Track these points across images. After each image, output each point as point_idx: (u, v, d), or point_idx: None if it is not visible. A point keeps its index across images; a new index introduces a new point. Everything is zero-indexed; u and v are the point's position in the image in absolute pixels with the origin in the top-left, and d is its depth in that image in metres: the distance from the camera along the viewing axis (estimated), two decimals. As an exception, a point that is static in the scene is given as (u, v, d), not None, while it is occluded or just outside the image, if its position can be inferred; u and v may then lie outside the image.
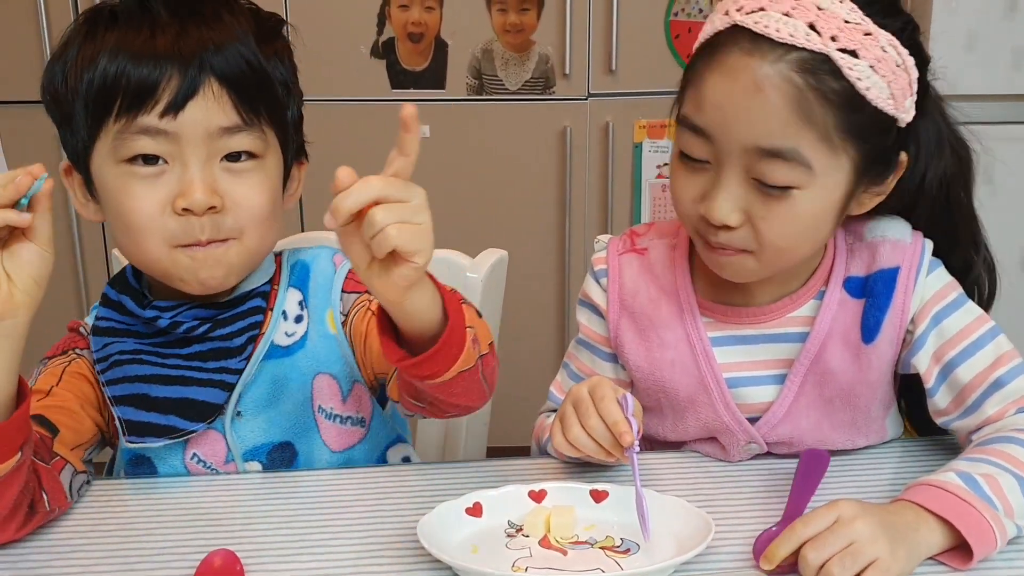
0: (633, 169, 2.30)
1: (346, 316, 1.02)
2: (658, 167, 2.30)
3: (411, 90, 2.23)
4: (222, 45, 0.91)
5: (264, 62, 0.94)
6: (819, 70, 0.83)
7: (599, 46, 2.23)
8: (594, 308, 1.05)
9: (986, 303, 1.01)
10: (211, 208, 0.90)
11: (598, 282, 1.04)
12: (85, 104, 0.91)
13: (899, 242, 0.96)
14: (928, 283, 0.95)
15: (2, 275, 0.79)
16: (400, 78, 2.23)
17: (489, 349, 0.88)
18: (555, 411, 1.08)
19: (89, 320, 1.03)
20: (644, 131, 2.28)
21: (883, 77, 0.85)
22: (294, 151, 1.01)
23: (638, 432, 0.87)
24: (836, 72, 0.84)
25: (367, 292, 1.01)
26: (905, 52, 0.86)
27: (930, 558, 0.81)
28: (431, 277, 0.81)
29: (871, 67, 0.84)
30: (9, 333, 0.79)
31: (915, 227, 0.97)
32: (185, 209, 0.90)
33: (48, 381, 0.98)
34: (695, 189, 0.90)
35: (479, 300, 1.24)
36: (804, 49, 0.83)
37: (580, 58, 2.23)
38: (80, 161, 0.94)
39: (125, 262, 1.22)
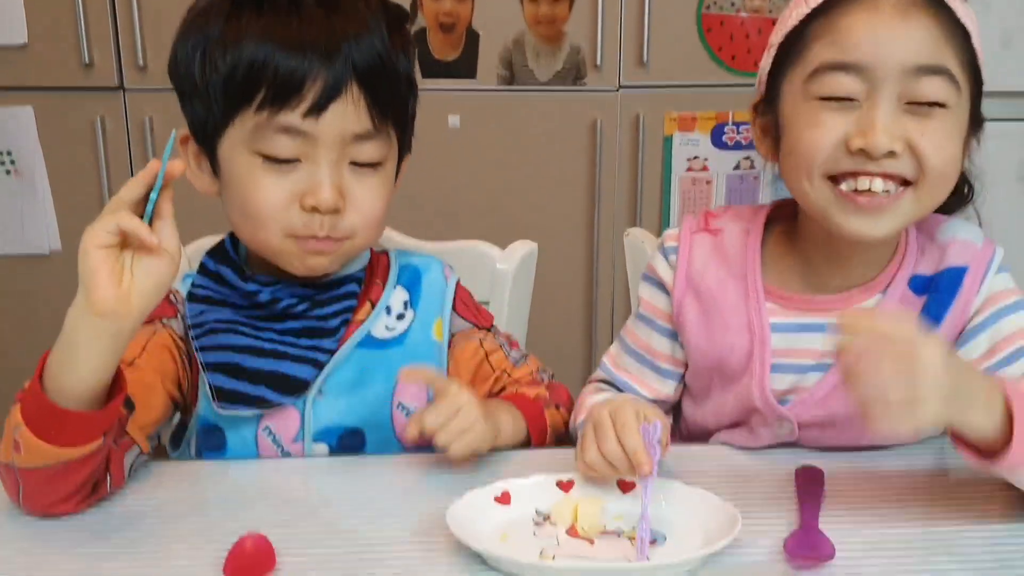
0: (663, 162, 2.29)
1: (451, 336, 1.09)
2: (688, 160, 2.29)
3: (442, 80, 2.24)
4: (360, 36, 0.92)
5: (393, 56, 0.95)
6: (940, 5, 0.89)
7: (630, 38, 2.22)
8: (659, 283, 1.07)
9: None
10: (335, 209, 0.93)
11: (666, 258, 1.06)
12: (225, 87, 0.91)
13: (969, 243, 0.97)
14: (994, 283, 0.96)
15: (127, 274, 0.80)
16: (431, 68, 2.24)
17: (561, 413, 1.08)
18: (604, 382, 1.11)
19: (181, 288, 1.04)
20: (675, 124, 2.27)
21: (972, 23, 0.91)
22: (406, 146, 1.03)
23: (660, 457, 0.87)
24: (950, 10, 0.90)
25: (479, 327, 1.10)
26: (977, 26, 0.92)
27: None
28: (523, 410, 1.02)
29: (967, 13, 0.91)
30: (117, 333, 0.80)
31: None
32: (313, 207, 0.92)
33: (132, 351, 0.98)
34: (843, 127, 0.90)
35: (508, 292, 1.25)
36: None
37: (611, 50, 2.22)
38: (206, 137, 0.95)
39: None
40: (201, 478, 0.97)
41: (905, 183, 0.90)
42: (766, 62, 0.99)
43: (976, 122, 0.94)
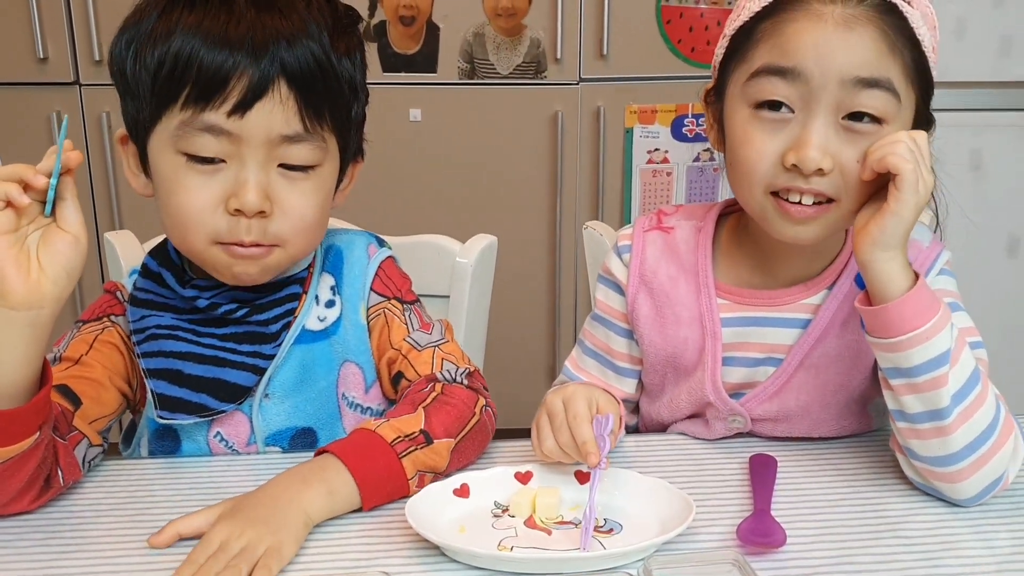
0: (624, 154, 2.31)
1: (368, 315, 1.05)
2: (648, 152, 2.31)
3: (402, 73, 2.24)
4: (294, 37, 0.90)
5: (335, 60, 0.93)
6: (891, 12, 0.90)
7: (591, 31, 2.23)
8: (613, 283, 1.08)
9: None
10: (260, 212, 0.91)
11: (620, 257, 1.07)
12: (152, 83, 0.90)
13: (915, 242, 0.98)
14: (933, 284, 0.97)
15: (35, 264, 0.80)
16: (391, 61, 2.23)
17: (459, 441, 0.93)
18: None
19: (127, 284, 1.04)
20: (635, 116, 2.29)
21: (930, 30, 0.91)
22: (352, 153, 1.01)
23: (609, 449, 0.88)
24: (901, 15, 0.90)
25: (388, 298, 1.05)
26: (936, 20, 0.92)
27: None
28: (359, 476, 0.86)
29: (921, 16, 0.91)
30: (33, 322, 0.80)
31: None
32: (237, 210, 0.90)
33: (79, 349, 0.98)
34: (777, 144, 0.91)
35: (468, 286, 1.25)
36: None
37: (572, 43, 2.23)
38: (138, 135, 0.94)
39: (118, 246, 1.23)
40: (156, 476, 0.96)
41: (829, 200, 0.92)
42: (720, 51, 0.99)
43: (926, 122, 0.95)
